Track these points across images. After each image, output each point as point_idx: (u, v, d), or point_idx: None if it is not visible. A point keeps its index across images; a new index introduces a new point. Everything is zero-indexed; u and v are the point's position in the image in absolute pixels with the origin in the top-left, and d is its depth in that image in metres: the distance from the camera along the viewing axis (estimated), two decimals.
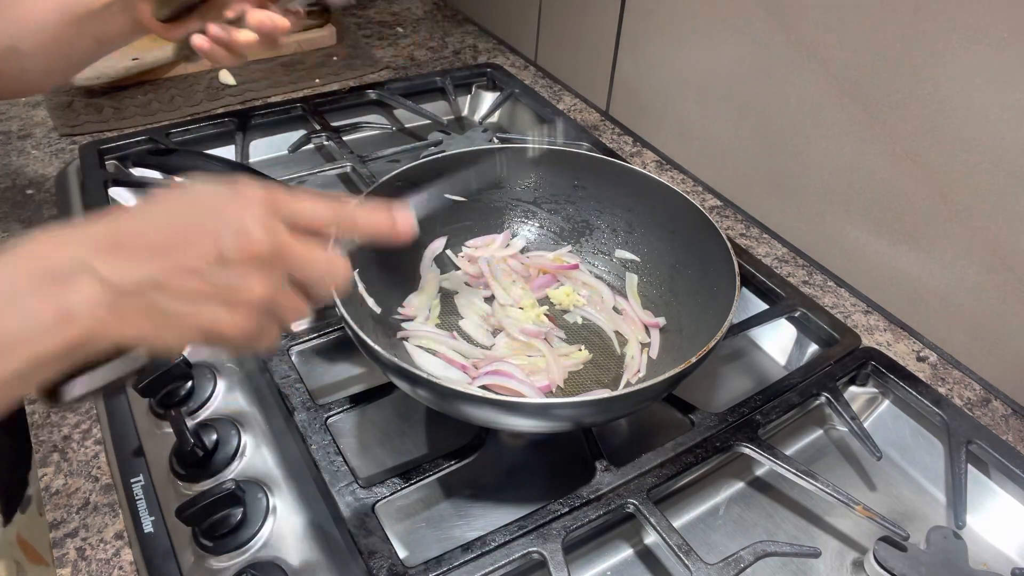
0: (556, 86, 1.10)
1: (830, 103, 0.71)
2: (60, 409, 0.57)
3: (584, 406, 0.51)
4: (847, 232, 0.74)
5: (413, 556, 0.53)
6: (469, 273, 0.73)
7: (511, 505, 0.57)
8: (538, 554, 0.48)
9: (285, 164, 0.92)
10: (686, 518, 0.57)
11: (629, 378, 0.64)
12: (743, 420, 0.58)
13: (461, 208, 0.73)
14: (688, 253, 0.66)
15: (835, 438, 0.64)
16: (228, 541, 0.48)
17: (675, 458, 0.55)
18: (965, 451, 0.58)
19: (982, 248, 0.63)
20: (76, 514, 0.52)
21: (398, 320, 0.67)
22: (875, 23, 0.65)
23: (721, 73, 0.82)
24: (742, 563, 0.48)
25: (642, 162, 0.95)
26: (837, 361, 0.64)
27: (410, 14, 1.30)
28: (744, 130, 0.82)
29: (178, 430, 0.51)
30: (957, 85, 0.60)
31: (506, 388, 0.60)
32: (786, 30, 0.73)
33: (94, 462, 0.55)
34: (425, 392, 0.51)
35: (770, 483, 0.60)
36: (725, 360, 0.71)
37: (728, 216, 0.86)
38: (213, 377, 0.58)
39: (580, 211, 0.74)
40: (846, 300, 0.75)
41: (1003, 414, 0.64)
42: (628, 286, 0.71)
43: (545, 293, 0.72)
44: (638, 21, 0.92)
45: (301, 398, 0.57)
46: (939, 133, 0.63)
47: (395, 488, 0.51)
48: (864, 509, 0.52)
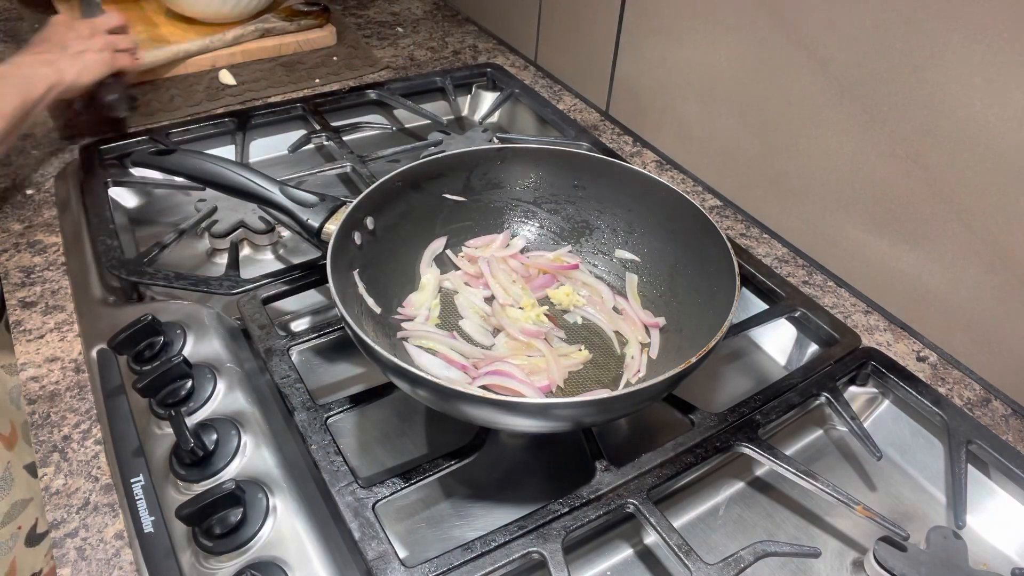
0: (556, 86, 1.10)
1: (830, 103, 0.71)
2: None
3: (584, 406, 0.51)
4: (847, 232, 0.74)
5: (413, 556, 0.53)
6: (469, 273, 0.73)
7: (511, 505, 0.57)
8: (538, 554, 0.48)
9: (285, 164, 0.92)
10: (686, 518, 0.57)
11: (629, 378, 0.64)
12: (743, 420, 0.58)
13: (461, 208, 0.73)
14: (688, 253, 0.66)
15: (835, 438, 0.64)
16: (228, 541, 0.48)
17: (675, 458, 0.55)
18: (965, 451, 0.58)
19: (982, 248, 0.63)
20: (76, 514, 0.52)
21: (398, 320, 0.67)
22: (875, 23, 0.65)
23: (721, 73, 0.82)
24: (742, 563, 0.48)
25: (642, 162, 0.95)
26: (837, 361, 0.64)
27: (410, 14, 1.30)
28: (744, 130, 0.82)
29: (178, 430, 0.51)
30: (957, 85, 0.60)
31: (506, 388, 0.60)
32: (786, 30, 0.73)
33: (94, 462, 0.55)
34: (425, 392, 0.51)
35: (770, 483, 0.60)
36: (725, 360, 0.71)
37: (728, 216, 0.86)
38: (213, 377, 0.58)
39: (580, 211, 0.74)
40: (846, 300, 0.75)
41: (1003, 414, 0.64)
42: (628, 286, 0.71)
43: (545, 293, 0.72)
44: (638, 21, 0.92)
45: (301, 398, 0.57)
46: (939, 133, 0.63)
47: (395, 488, 0.51)
48: (864, 509, 0.52)
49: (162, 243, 0.72)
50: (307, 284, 0.68)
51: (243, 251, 0.79)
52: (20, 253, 0.74)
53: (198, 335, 0.62)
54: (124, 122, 0.92)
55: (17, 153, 0.88)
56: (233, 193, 0.68)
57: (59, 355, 0.63)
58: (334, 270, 0.57)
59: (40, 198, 0.81)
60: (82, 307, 0.67)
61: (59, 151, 0.89)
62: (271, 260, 0.79)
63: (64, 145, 0.90)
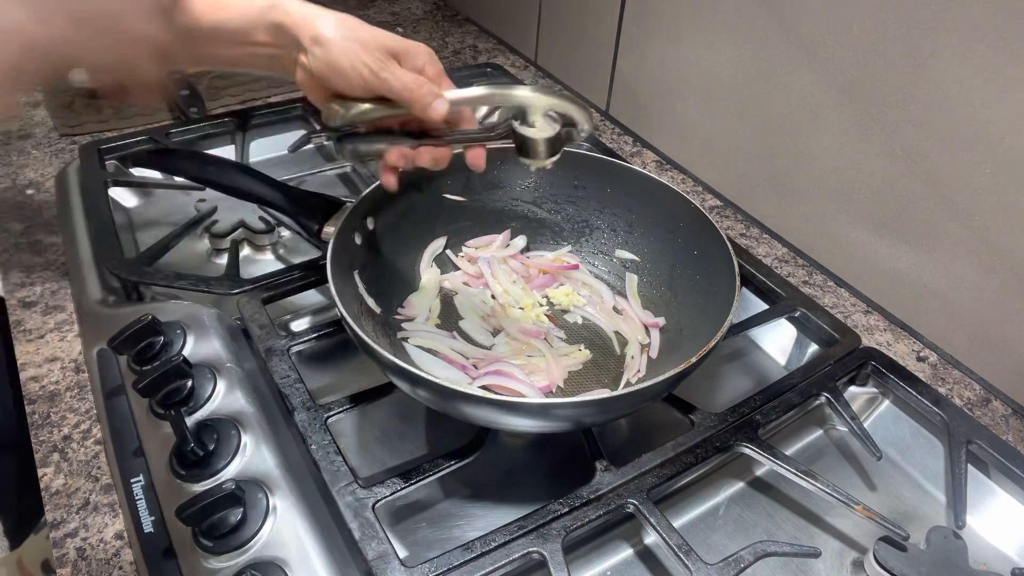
0: (556, 86, 1.10)
1: (830, 103, 0.71)
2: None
3: (584, 406, 0.51)
4: (847, 232, 0.74)
5: (413, 556, 0.53)
6: (469, 273, 0.73)
7: (511, 505, 0.57)
8: (538, 554, 0.48)
9: (285, 164, 0.92)
10: (686, 518, 0.57)
11: (629, 378, 0.64)
12: (743, 420, 0.58)
13: (461, 208, 0.73)
14: (688, 253, 0.66)
15: (835, 438, 0.64)
16: (228, 541, 0.48)
17: (675, 458, 0.55)
18: (965, 451, 0.58)
19: (982, 248, 0.63)
20: (76, 514, 0.52)
21: (398, 320, 0.67)
22: (875, 23, 0.65)
23: (721, 73, 0.82)
24: (742, 563, 0.48)
25: (642, 162, 0.95)
26: (837, 361, 0.64)
27: (410, 14, 1.30)
28: (744, 130, 0.82)
29: (178, 430, 0.51)
30: (957, 85, 0.60)
31: (506, 388, 0.60)
32: (786, 30, 0.73)
33: (94, 462, 0.55)
34: (425, 392, 0.51)
35: (770, 483, 0.60)
36: (725, 360, 0.71)
37: (728, 216, 0.86)
38: (213, 377, 0.58)
39: (580, 211, 0.74)
40: (846, 300, 0.75)
41: (1003, 414, 0.64)
42: (628, 286, 0.71)
43: (545, 293, 0.72)
44: (638, 21, 0.92)
45: (301, 398, 0.57)
46: (939, 133, 0.63)
47: (395, 488, 0.51)
48: (864, 509, 0.52)
49: (162, 243, 0.72)
50: (307, 284, 0.68)
51: (243, 251, 0.79)
52: (20, 253, 0.74)
53: (198, 335, 0.62)
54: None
55: (17, 153, 0.88)
56: (233, 193, 0.68)
57: (59, 355, 0.63)
58: (334, 270, 0.56)
59: (40, 198, 0.81)
60: (82, 307, 0.67)
61: (59, 151, 0.89)
62: (271, 260, 0.79)
63: (64, 145, 0.90)
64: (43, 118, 0.94)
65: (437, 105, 0.51)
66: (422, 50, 0.54)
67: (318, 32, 0.51)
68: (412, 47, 0.53)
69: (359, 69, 0.51)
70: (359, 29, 0.52)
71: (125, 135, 0.88)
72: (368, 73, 0.51)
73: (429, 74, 0.53)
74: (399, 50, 0.53)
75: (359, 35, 0.51)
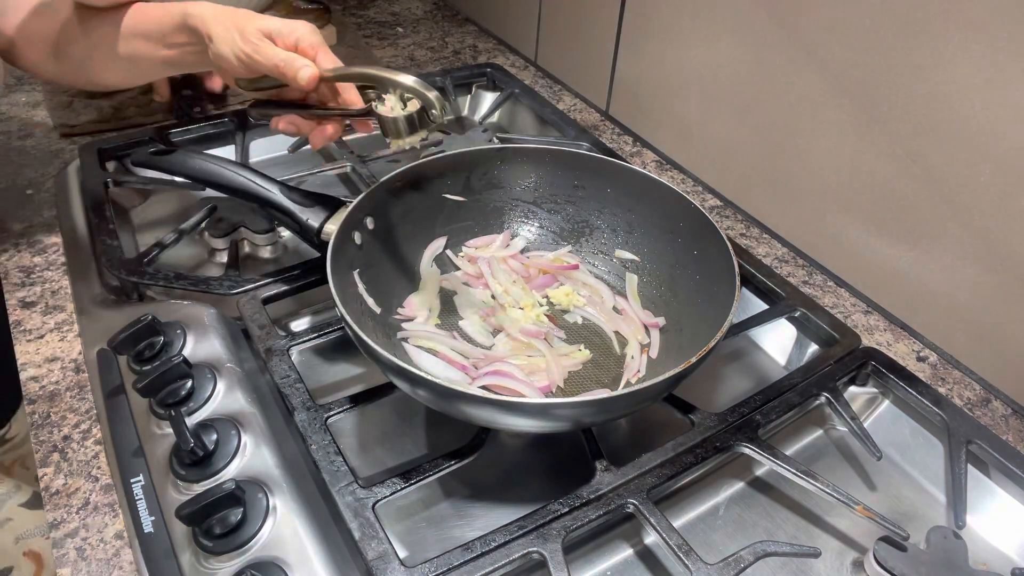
0: (556, 86, 1.10)
1: (830, 103, 0.71)
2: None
3: (584, 406, 0.51)
4: (847, 232, 0.74)
5: (413, 556, 0.53)
6: (469, 273, 0.73)
7: (511, 505, 0.57)
8: (538, 554, 0.48)
9: (285, 164, 0.92)
10: (686, 518, 0.57)
11: (629, 378, 0.64)
12: (743, 420, 0.58)
13: (461, 208, 0.73)
14: (688, 253, 0.66)
15: (835, 438, 0.64)
16: (228, 541, 0.48)
17: (675, 458, 0.55)
18: (965, 451, 0.58)
19: (982, 248, 0.63)
20: (76, 514, 0.52)
21: (398, 320, 0.67)
22: (875, 23, 0.65)
23: (721, 73, 0.82)
24: (742, 563, 0.48)
25: (642, 162, 0.95)
26: (837, 361, 0.64)
27: (410, 14, 1.30)
28: (744, 130, 0.82)
29: (178, 430, 0.51)
30: (957, 85, 0.60)
31: (506, 388, 0.60)
32: (786, 30, 0.73)
33: (94, 462, 0.55)
34: (425, 392, 0.51)
35: (770, 483, 0.60)
36: (725, 360, 0.71)
37: (728, 216, 0.86)
38: (213, 377, 0.58)
39: (580, 211, 0.74)
40: (846, 300, 0.75)
41: (1003, 414, 0.64)
42: (628, 286, 0.71)
43: (545, 293, 0.72)
44: (638, 21, 0.92)
45: (301, 398, 0.57)
46: (939, 133, 0.63)
47: (395, 488, 0.51)
48: (864, 509, 0.52)
49: (162, 243, 0.72)
50: (307, 284, 0.68)
51: (243, 251, 0.79)
52: (20, 253, 0.74)
53: (198, 335, 0.62)
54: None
55: (17, 153, 0.88)
56: (233, 193, 0.68)
57: (59, 355, 0.63)
58: (334, 270, 0.57)
59: (40, 198, 0.81)
60: (82, 307, 0.67)
61: (59, 151, 0.89)
62: (271, 260, 0.79)
63: (64, 145, 0.90)
64: (43, 118, 0.94)
65: (303, 74, 0.58)
66: (298, 27, 0.61)
67: (209, 30, 0.60)
68: (287, 26, 0.60)
69: (238, 55, 0.59)
70: (238, 18, 0.60)
71: (125, 135, 0.88)
72: (245, 57, 0.59)
73: (304, 49, 0.60)
74: (273, 30, 0.60)
75: (238, 24, 0.59)
